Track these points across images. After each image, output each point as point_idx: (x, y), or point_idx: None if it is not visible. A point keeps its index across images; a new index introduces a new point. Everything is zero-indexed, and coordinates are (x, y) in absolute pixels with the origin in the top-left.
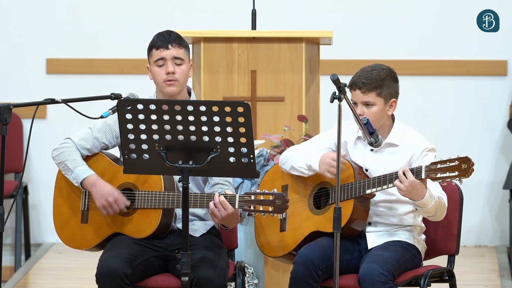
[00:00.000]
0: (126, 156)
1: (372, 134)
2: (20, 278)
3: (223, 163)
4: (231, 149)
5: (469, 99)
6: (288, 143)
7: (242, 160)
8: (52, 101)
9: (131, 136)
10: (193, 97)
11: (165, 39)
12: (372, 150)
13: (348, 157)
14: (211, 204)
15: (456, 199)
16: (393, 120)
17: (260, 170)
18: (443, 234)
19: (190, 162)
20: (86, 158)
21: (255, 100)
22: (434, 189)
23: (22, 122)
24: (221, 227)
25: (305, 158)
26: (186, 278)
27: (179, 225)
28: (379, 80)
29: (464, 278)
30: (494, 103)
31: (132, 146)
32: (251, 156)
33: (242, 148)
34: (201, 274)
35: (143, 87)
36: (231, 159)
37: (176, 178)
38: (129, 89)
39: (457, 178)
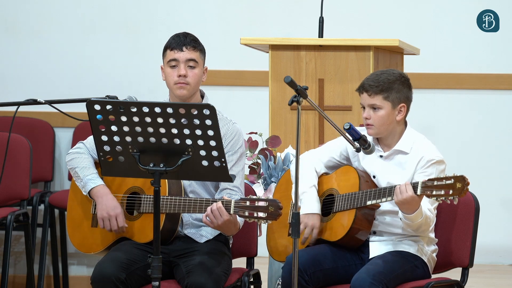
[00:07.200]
0: (102, 158)
1: (359, 139)
2: None
3: (196, 167)
4: (203, 152)
5: (492, 112)
6: None
7: (215, 164)
8: (34, 102)
9: (105, 138)
10: (205, 101)
11: (180, 41)
12: (381, 156)
13: (356, 164)
14: (208, 209)
15: (471, 210)
16: (406, 127)
17: None
18: (456, 246)
19: (161, 165)
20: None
21: (323, 109)
22: (425, 205)
23: (54, 131)
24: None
25: (304, 191)
26: (157, 283)
27: (186, 231)
28: (387, 83)
29: None
30: None
31: (107, 148)
32: (222, 160)
33: (213, 151)
34: (193, 280)
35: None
36: (204, 163)
37: (183, 182)
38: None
39: (451, 197)
